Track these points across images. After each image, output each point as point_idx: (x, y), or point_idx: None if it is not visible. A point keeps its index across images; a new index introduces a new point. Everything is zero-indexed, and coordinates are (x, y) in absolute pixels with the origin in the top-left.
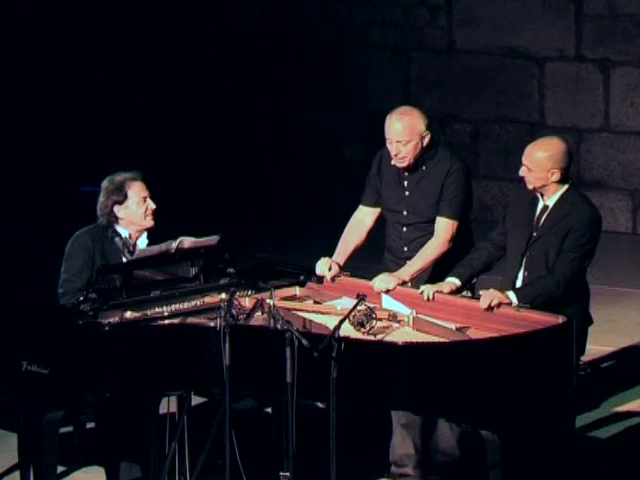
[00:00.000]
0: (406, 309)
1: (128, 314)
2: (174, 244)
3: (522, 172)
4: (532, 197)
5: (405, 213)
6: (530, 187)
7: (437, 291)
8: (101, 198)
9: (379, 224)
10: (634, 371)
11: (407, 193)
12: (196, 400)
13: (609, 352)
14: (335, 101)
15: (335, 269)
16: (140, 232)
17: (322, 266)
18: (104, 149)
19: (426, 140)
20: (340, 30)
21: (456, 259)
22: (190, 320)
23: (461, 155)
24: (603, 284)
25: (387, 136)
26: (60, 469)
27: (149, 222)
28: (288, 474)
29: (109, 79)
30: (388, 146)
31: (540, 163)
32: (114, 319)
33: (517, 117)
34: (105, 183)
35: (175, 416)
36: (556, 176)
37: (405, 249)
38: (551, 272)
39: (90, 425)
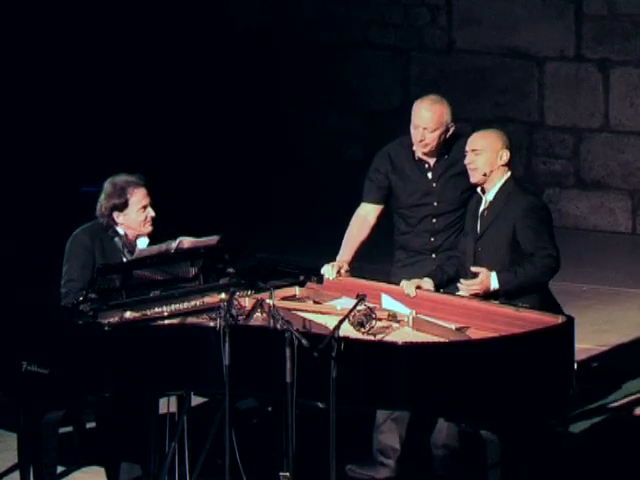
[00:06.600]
0: (406, 309)
1: (128, 314)
2: (174, 244)
3: (468, 159)
4: (478, 198)
5: (436, 204)
6: (475, 179)
7: (417, 286)
8: (102, 200)
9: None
10: (634, 371)
11: (434, 185)
12: (196, 400)
13: (608, 352)
14: (335, 101)
15: (346, 268)
16: (137, 236)
17: (330, 271)
18: (105, 149)
19: (450, 132)
20: (340, 30)
21: None
22: (190, 320)
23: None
24: (603, 284)
25: (414, 122)
26: (60, 469)
27: (147, 229)
28: (288, 474)
29: (110, 79)
30: (413, 131)
31: (490, 144)
32: (114, 319)
33: (517, 117)
34: (107, 185)
35: (175, 416)
36: (505, 157)
37: (432, 239)
38: (530, 261)
39: (90, 425)
